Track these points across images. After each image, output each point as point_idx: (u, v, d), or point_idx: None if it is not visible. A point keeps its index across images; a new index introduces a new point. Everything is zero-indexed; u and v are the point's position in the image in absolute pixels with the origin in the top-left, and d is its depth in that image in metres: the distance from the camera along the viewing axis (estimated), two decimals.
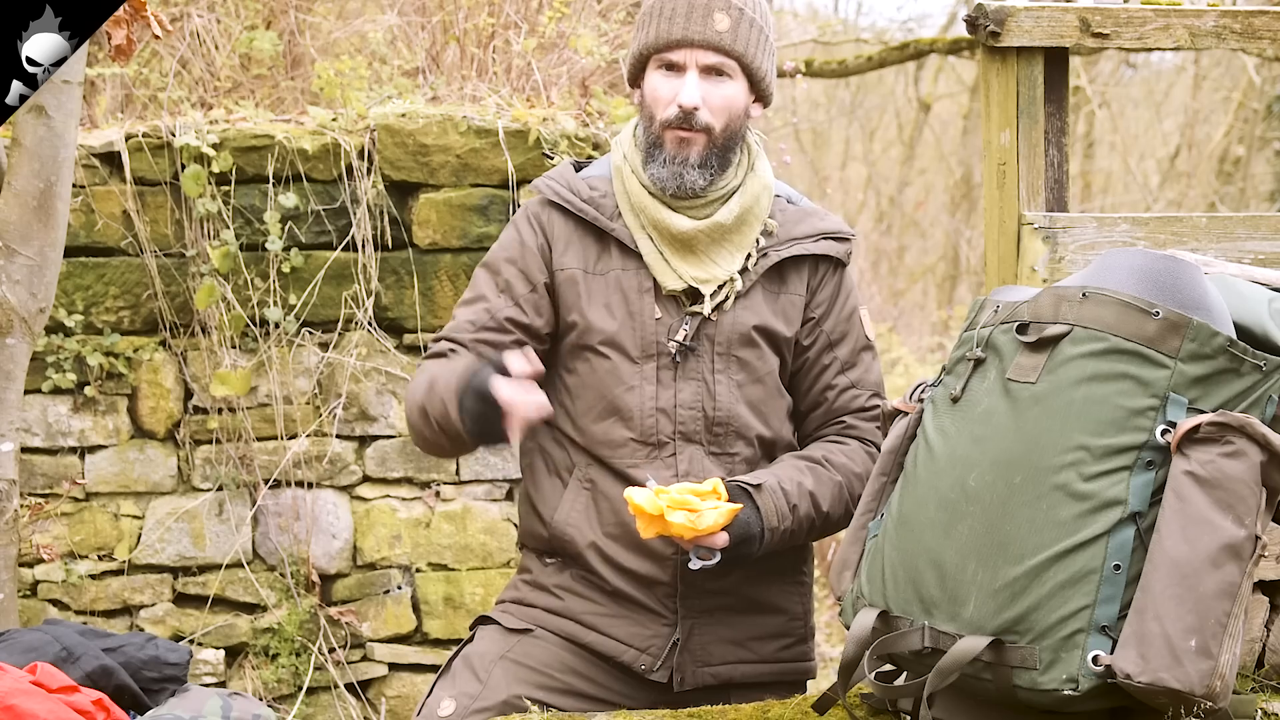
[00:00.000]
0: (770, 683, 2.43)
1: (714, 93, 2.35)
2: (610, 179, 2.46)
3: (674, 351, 2.37)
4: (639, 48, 2.40)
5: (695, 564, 2.24)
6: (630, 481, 2.37)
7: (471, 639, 2.48)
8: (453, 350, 2.41)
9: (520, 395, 2.15)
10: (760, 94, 2.42)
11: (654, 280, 2.39)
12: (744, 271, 2.41)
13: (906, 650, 1.92)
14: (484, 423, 2.19)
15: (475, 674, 2.38)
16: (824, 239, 2.46)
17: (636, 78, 2.43)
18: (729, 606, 2.41)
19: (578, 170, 2.52)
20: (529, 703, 2.32)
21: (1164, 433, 1.82)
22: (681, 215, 2.38)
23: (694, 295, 2.40)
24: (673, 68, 2.36)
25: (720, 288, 2.39)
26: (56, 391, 4.24)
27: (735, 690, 2.40)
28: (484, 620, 2.50)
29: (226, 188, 4.28)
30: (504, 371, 2.19)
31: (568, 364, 2.44)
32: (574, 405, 2.43)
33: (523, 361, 2.19)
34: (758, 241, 2.42)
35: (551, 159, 3.52)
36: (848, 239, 2.49)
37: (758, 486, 2.31)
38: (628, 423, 2.38)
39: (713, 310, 2.39)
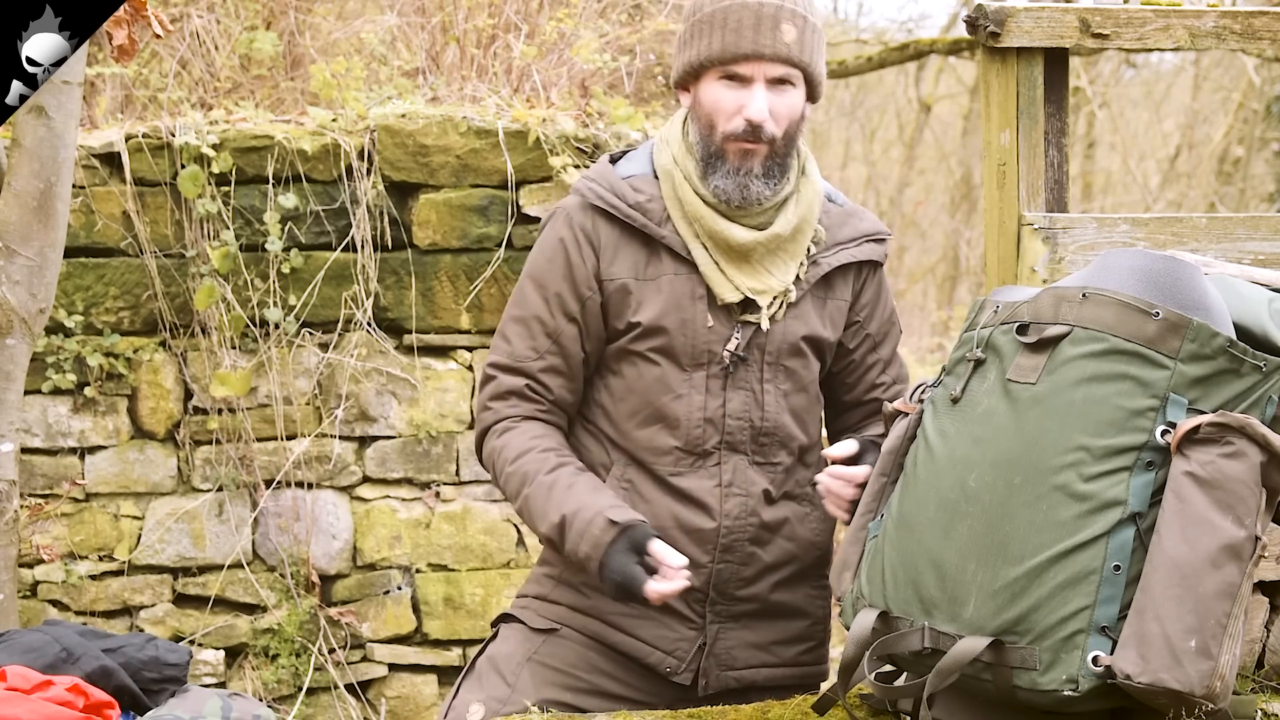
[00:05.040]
0: (791, 686, 2.43)
1: (779, 103, 2.29)
2: (653, 178, 2.39)
3: (727, 362, 2.35)
4: (700, 57, 2.31)
5: None
6: (671, 488, 2.36)
7: (494, 637, 2.47)
8: (530, 389, 2.38)
9: (667, 590, 2.20)
10: (813, 96, 2.39)
11: (706, 287, 2.35)
12: (796, 280, 2.38)
13: (906, 651, 1.91)
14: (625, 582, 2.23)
15: (503, 677, 2.37)
16: (866, 241, 2.45)
17: (686, 83, 2.36)
18: (755, 612, 2.41)
19: (614, 163, 2.45)
20: (529, 705, 2.32)
21: (1164, 433, 1.82)
22: (739, 225, 2.33)
23: (745, 303, 2.36)
24: (736, 79, 2.29)
25: (776, 298, 2.36)
26: (56, 392, 4.24)
27: (757, 693, 2.40)
28: (507, 618, 2.49)
29: (226, 188, 4.28)
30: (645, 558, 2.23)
31: (612, 365, 2.40)
32: (616, 407, 2.39)
33: (676, 567, 2.21)
34: (809, 250, 2.39)
35: (587, 153, 3.47)
36: (886, 239, 2.48)
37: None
38: (674, 431, 2.35)
39: (772, 317, 2.37)
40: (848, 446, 2.29)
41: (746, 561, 2.38)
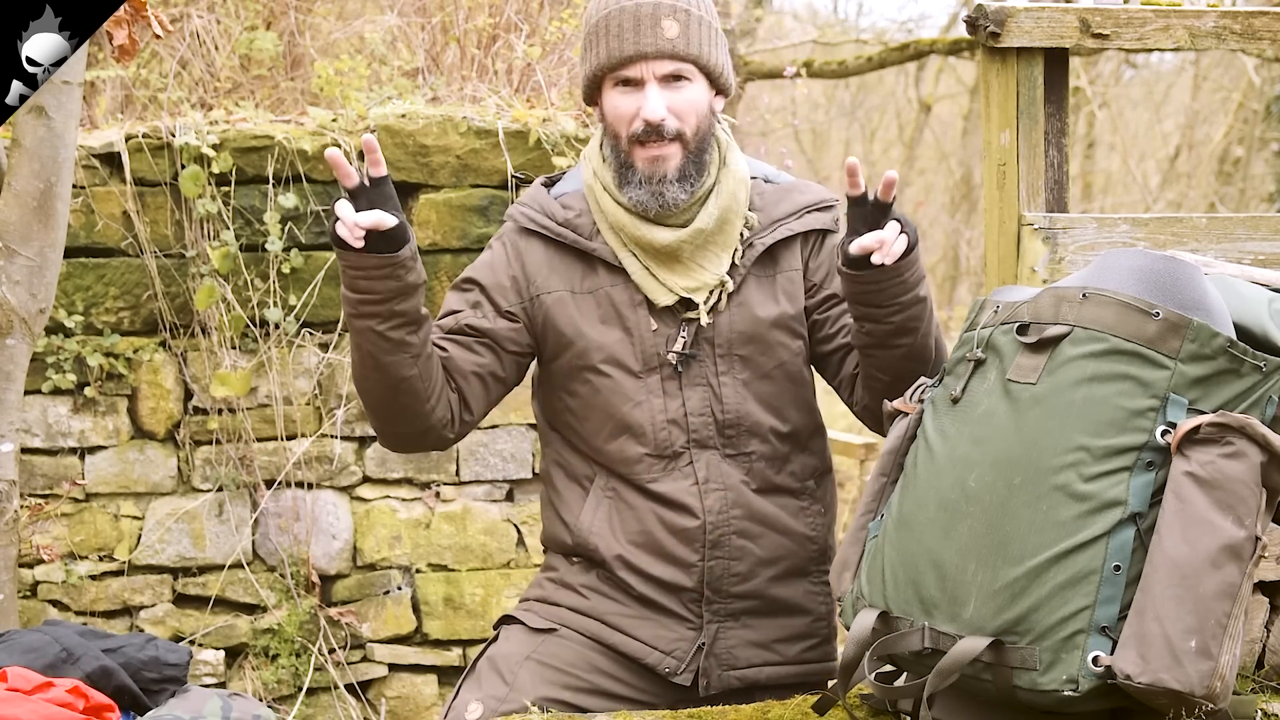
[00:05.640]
0: (796, 684, 2.43)
1: (677, 98, 2.31)
2: (584, 194, 2.42)
3: (675, 362, 2.36)
4: (593, 69, 2.35)
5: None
6: (650, 494, 2.37)
7: (495, 639, 2.47)
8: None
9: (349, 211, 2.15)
10: (720, 88, 2.39)
11: (644, 292, 2.38)
12: (733, 268, 2.39)
13: (906, 651, 1.91)
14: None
15: (501, 676, 2.38)
16: (808, 213, 2.44)
17: (593, 97, 2.39)
18: (753, 610, 2.41)
19: (550, 185, 2.49)
20: (530, 705, 2.32)
21: (1164, 433, 1.82)
22: (661, 227, 2.35)
23: (686, 302, 2.38)
24: (629, 83, 2.32)
25: (712, 292, 2.37)
26: (56, 392, 4.24)
27: (761, 693, 2.40)
28: (508, 620, 2.49)
29: (226, 188, 4.28)
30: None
31: (568, 386, 2.42)
32: (583, 426, 2.41)
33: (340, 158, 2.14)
34: (741, 235, 2.40)
35: (522, 179, 3.48)
36: (832, 206, 2.46)
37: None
38: (640, 439, 2.37)
39: (708, 315, 2.38)
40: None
41: (737, 556, 2.38)
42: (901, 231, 2.19)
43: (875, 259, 2.17)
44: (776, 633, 2.43)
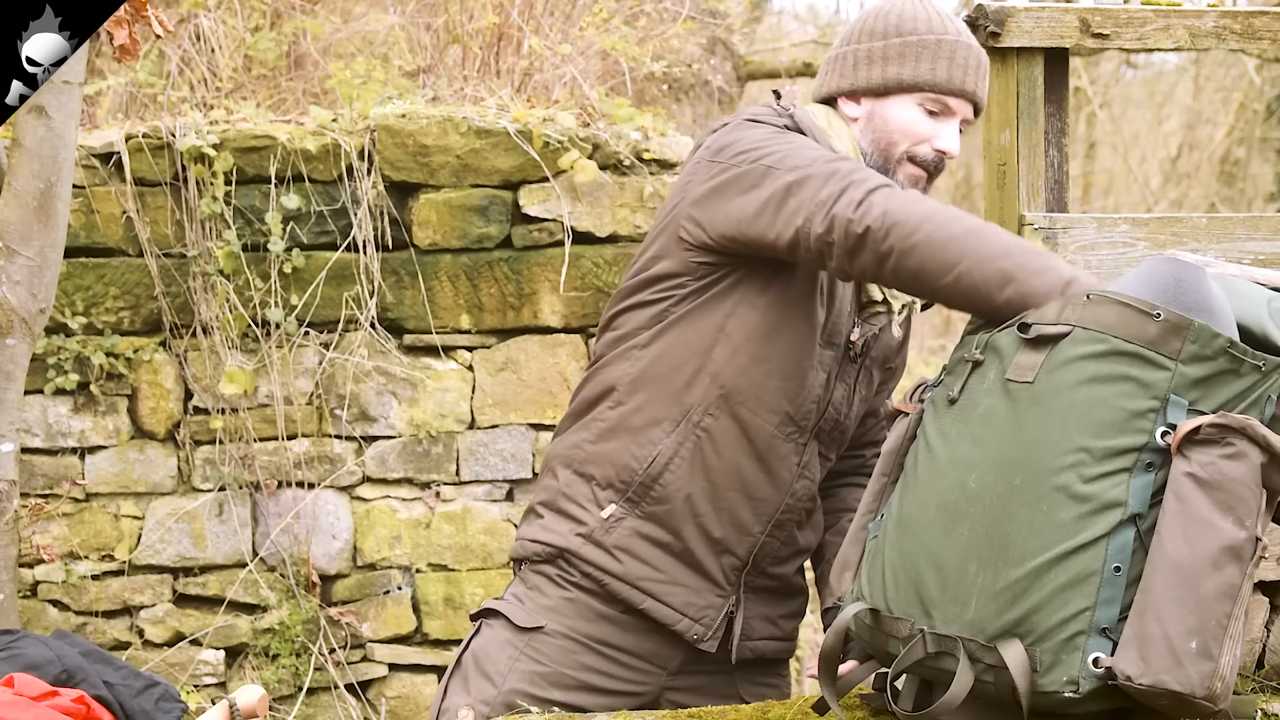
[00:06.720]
0: (785, 657, 2.51)
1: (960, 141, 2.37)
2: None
3: (855, 352, 2.37)
4: (915, 78, 2.31)
5: None
6: (755, 448, 2.30)
7: (478, 632, 2.45)
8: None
9: None
10: None
11: None
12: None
13: (910, 663, 1.91)
14: None
15: (489, 678, 2.37)
16: None
17: (864, 95, 2.36)
18: (773, 589, 2.45)
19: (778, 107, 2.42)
20: (521, 703, 2.31)
21: (1164, 434, 1.82)
22: None
23: (866, 305, 2.39)
24: (939, 110, 2.32)
25: (904, 306, 2.41)
26: (57, 392, 4.24)
27: (765, 665, 2.47)
28: (489, 613, 2.47)
29: (228, 188, 4.28)
30: None
31: (756, 299, 2.29)
32: (739, 338, 2.30)
33: None
34: None
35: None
36: None
37: None
38: (791, 398, 2.31)
39: (886, 324, 2.40)
40: None
41: (788, 542, 2.42)
42: None
43: None
44: (782, 609, 2.49)
